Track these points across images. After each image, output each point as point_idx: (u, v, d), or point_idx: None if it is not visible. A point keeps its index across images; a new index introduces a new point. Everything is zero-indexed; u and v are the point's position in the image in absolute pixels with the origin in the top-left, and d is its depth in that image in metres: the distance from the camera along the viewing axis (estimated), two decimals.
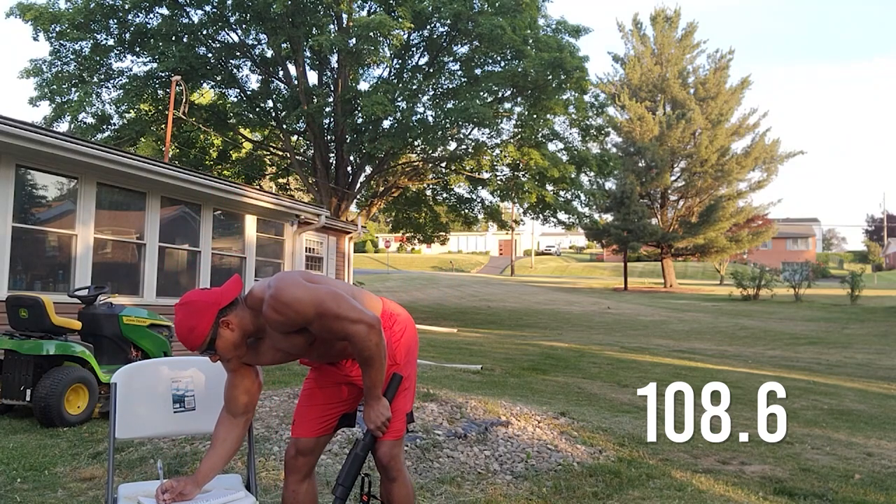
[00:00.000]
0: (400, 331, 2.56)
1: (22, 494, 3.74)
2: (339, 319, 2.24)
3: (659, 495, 3.96)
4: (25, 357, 5.60)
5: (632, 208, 38.74)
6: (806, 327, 22.52)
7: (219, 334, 2.24)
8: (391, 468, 2.52)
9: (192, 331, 2.22)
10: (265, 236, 11.24)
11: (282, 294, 2.21)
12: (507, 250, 70.31)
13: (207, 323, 2.22)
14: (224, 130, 22.90)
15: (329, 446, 4.39)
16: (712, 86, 42.36)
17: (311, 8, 19.05)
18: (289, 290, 2.23)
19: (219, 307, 2.24)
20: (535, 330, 20.29)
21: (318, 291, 2.26)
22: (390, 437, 2.49)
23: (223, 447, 2.41)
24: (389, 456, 2.51)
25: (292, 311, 2.21)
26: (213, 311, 2.23)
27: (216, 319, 2.23)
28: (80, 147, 7.43)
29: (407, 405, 2.56)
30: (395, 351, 2.51)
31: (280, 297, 2.21)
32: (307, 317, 2.22)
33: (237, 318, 2.26)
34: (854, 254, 76.18)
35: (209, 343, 2.24)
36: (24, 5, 19.04)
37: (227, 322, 2.24)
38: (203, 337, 2.22)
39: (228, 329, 2.24)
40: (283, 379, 8.39)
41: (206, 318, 2.22)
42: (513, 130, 22.48)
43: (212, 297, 2.26)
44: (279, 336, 2.31)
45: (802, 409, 7.94)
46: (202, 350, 2.26)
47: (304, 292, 2.23)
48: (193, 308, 2.23)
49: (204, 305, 2.23)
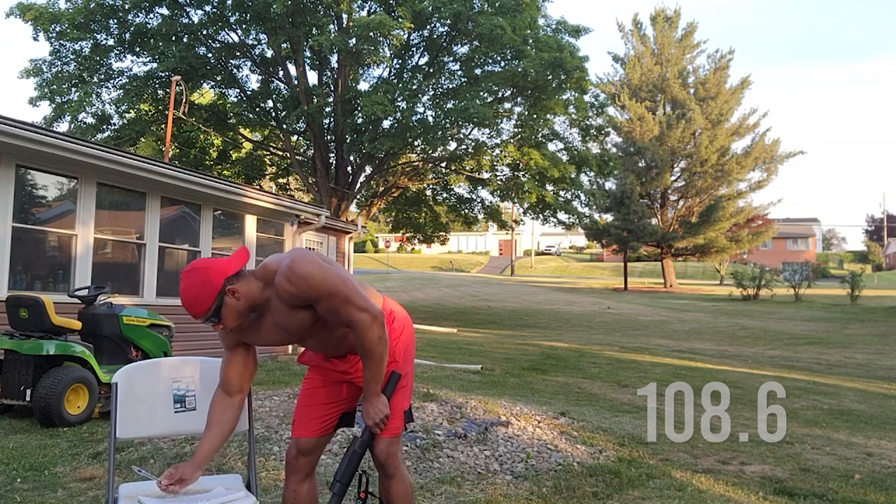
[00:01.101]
0: (399, 328, 2.59)
1: (22, 494, 3.74)
2: (346, 303, 2.27)
3: (659, 495, 3.96)
4: (25, 357, 5.60)
5: (632, 208, 38.74)
6: (806, 327, 22.52)
7: (224, 302, 2.24)
8: (388, 465, 2.53)
9: (197, 297, 2.22)
10: (265, 236, 11.24)
11: (298, 266, 2.24)
12: (507, 250, 70.33)
13: (214, 290, 2.22)
14: (224, 130, 22.91)
15: (329, 446, 4.39)
16: (712, 86, 42.37)
17: (311, 8, 19.05)
18: (305, 264, 2.26)
19: (226, 275, 2.25)
20: (535, 330, 20.29)
21: (331, 272, 2.29)
22: (388, 435, 2.50)
23: (219, 428, 2.40)
24: (387, 453, 2.52)
25: (305, 285, 2.24)
26: (221, 278, 2.23)
27: (223, 287, 2.23)
28: (80, 147, 7.43)
29: (404, 403, 2.57)
30: (394, 348, 2.52)
31: (296, 268, 2.24)
32: (318, 293, 2.25)
33: (244, 287, 2.27)
34: (854, 254, 76.19)
35: (214, 311, 2.25)
36: (24, 5, 19.04)
37: (233, 290, 2.24)
38: (209, 304, 2.23)
39: (234, 298, 2.25)
40: (282, 379, 8.39)
41: (212, 285, 2.22)
42: (513, 130, 22.49)
43: (219, 264, 2.27)
44: (284, 311, 2.31)
45: (802, 409, 7.95)
46: (206, 318, 2.26)
47: (319, 270, 2.26)
48: (200, 275, 2.24)
49: (211, 272, 2.24)
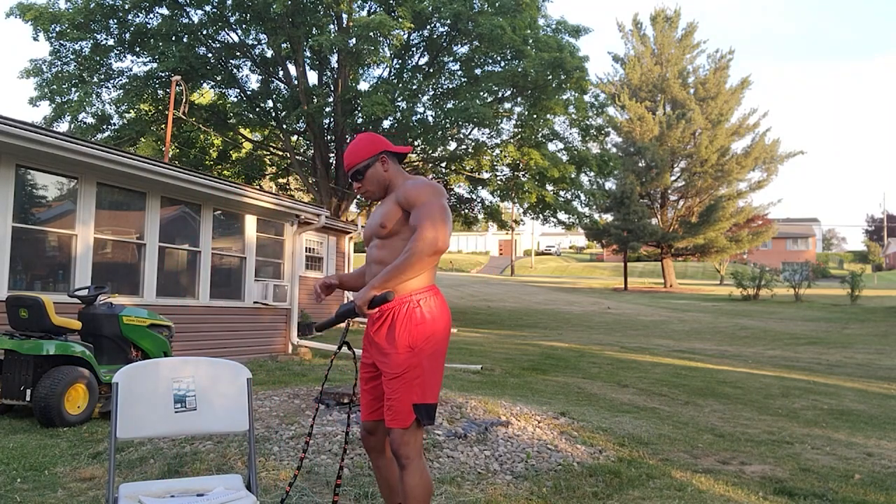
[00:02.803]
0: (431, 312, 2.62)
1: (22, 494, 3.74)
2: (429, 218, 2.55)
3: (659, 495, 3.96)
4: (25, 357, 5.60)
5: (632, 208, 38.74)
6: (806, 327, 22.51)
7: (374, 166, 2.76)
8: (400, 455, 2.55)
9: (357, 151, 2.77)
10: (265, 236, 11.24)
11: (424, 185, 2.67)
12: (507, 250, 70.34)
13: (372, 150, 2.76)
14: (224, 130, 22.90)
15: (329, 446, 4.39)
16: (712, 86, 42.37)
17: (311, 8, 19.04)
18: (429, 188, 2.65)
19: (386, 147, 2.79)
20: (535, 330, 20.29)
21: (440, 206, 2.60)
22: (396, 426, 2.54)
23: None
24: (398, 443, 2.54)
25: (416, 191, 2.63)
26: (380, 147, 2.78)
27: (379, 153, 2.77)
28: (80, 147, 7.43)
29: (412, 395, 2.54)
30: (415, 331, 2.58)
31: (423, 184, 2.67)
32: (420, 201, 2.60)
33: (393, 167, 2.79)
34: (854, 254, 76.20)
35: (362, 168, 2.76)
36: (24, 5, 19.04)
37: (385, 160, 2.77)
38: (362, 158, 2.76)
39: (383, 167, 2.77)
40: (282, 379, 8.41)
41: (374, 146, 2.77)
42: (513, 130, 22.47)
43: (386, 141, 2.82)
44: (389, 203, 2.70)
45: (802, 409, 7.95)
46: (353, 171, 2.77)
47: (431, 197, 2.62)
48: (369, 138, 2.81)
49: (378, 140, 2.80)
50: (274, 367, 9.67)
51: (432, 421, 2.61)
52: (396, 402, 2.54)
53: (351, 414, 5.01)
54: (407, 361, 2.55)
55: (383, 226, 2.67)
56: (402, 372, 2.55)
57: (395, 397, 2.55)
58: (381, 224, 2.68)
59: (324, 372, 9.30)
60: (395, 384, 2.56)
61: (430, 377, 2.59)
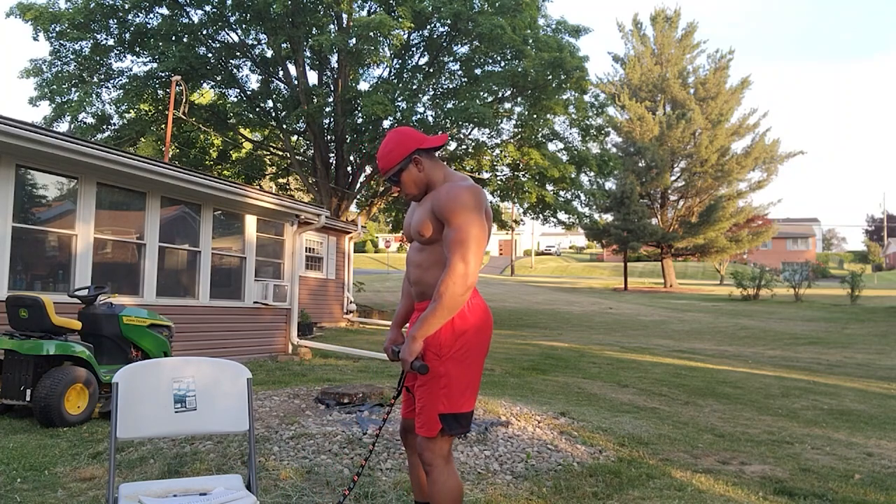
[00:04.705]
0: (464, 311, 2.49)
1: (22, 494, 3.74)
2: (460, 244, 2.40)
3: (659, 495, 3.95)
4: (25, 357, 5.60)
5: (632, 208, 38.74)
6: (806, 327, 22.51)
7: (408, 168, 2.56)
8: (424, 461, 2.53)
9: (389, 153, 2.58)
10: (265, 236, 11.24)
11: (463, 190, 2.46)
12: (507, 250, 70.33)
13: (404, 153, 2.56)
14: (224, 130, 22.90)
15: (329, 446, 4.39)
16: (712, 86, 42.38)
17: (311, 8, 19.04)
18: (469, 195, 2.45)
19: (419, 145, 2.57)
20: (535, 330, 20.29)
21: (476, 221, 2.43)
22: (423, 433, 2.51)
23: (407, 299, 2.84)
24: (422, 448, 2.52)
25: (451, 204, 2.44)
26: (412, 146, 2.56)
27: (411, 154, 2.55)
28: (80, 147, 7.43)
29: (438, 405, 2.47)
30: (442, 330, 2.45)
31: (461, 190, 2.46)
32: (451, 218, 2.43)
33: (429, 164, 2.58)
34: (854, 254, 76.22)
35: (396, 172, 2.57)
36: (24, 5, 19.04)
37: (418, 161, 2.56)
38: (395, 162, 2.57)
39: (417, 168, 2.57)
40: (282, 379, 8.40)
41: (404, 148, 2.56)
42: (513, 130, 22.48)
43: (417, 136, 2.59)
44: (425, 207, 2.55)
45: (802, 409, 7.94)
46: (388, 176, 2.59)
47: (470, 210, 2.44)
48: (400, 136, 2.59)
49: (408, 138, 2.57)
50: (274, 367, 9.68)
51: (465, 430, 2.52)
52: (424, 410, 2.49)
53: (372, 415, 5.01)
54: (432, 370, 2.46)
55: (421, 234, 2.57)
56: (427, 380, 2.48)
57: (422, 405, 2.50)
58: (419, 232, 2.57)
59: (324, 372, 9.29)
60: (421, 392, 2.51)
61: (459, 384, 2.49)
